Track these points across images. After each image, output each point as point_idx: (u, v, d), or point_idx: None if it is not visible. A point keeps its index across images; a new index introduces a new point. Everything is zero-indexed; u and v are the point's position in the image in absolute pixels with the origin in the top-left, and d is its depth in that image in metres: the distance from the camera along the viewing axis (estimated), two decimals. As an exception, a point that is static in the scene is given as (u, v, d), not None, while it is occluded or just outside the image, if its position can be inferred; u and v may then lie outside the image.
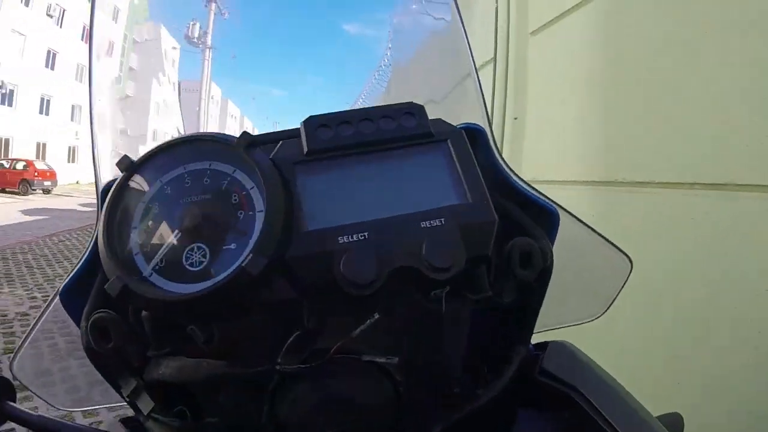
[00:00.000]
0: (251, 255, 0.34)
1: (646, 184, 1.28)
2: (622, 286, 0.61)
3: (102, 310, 0.42)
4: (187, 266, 0.36)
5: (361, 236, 0.36)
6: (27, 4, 21.00)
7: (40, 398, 0.53)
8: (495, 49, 2.05)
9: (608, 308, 0.63)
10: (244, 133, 0.40)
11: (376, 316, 0.37)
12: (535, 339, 0.54)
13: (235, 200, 0.37)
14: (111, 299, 0.40)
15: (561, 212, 0.50)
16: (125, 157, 0.40)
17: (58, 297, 0.45)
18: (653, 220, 1.26)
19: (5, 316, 4.40)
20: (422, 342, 0.43)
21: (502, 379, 0.45)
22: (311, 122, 0.43)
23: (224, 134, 0.41)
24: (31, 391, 0.52)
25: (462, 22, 0.62)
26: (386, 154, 0.42)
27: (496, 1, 2.09)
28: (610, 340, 1.27)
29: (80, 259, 0.46)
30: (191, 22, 0.80)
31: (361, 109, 0.45)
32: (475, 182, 0.40)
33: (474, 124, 0.50)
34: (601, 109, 1.49)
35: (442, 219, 0.38)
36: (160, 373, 0.41)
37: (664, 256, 1.20)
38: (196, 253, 0.36)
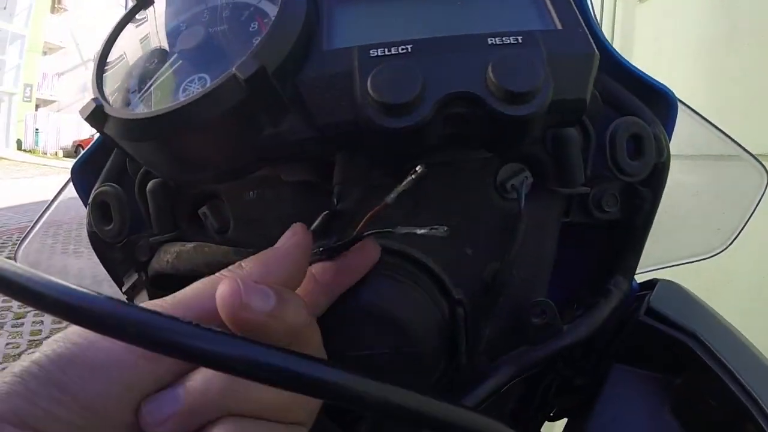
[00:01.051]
0: (244, 58, 0.26)
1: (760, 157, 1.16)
2: (753, 211, 0.50)
3: (107, 183, 0.39)
4: (182, 98, 0.29)
5: (402, 49, 0.28)
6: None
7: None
8: (600, 20, 1.93)
9: (733, 240, 0.51)
10: None
11: (419, 169, 0.29)
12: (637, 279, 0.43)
13: (253, 28, 0.30)
14: (121, 174, 0.39)
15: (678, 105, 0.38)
16: None
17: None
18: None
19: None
20: (494, 242, 0.34)
21: (598, 315, 0.35)
22: None
23: None
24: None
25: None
26: None
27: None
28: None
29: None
30: None
31: None
32: (567, 9, 0.30)
33: None
34: (712, 82, 1.38)
35: (520, 38, 0.28)
36: (158, 262, 0.37)
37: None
38: (195, 84, 0.29)
